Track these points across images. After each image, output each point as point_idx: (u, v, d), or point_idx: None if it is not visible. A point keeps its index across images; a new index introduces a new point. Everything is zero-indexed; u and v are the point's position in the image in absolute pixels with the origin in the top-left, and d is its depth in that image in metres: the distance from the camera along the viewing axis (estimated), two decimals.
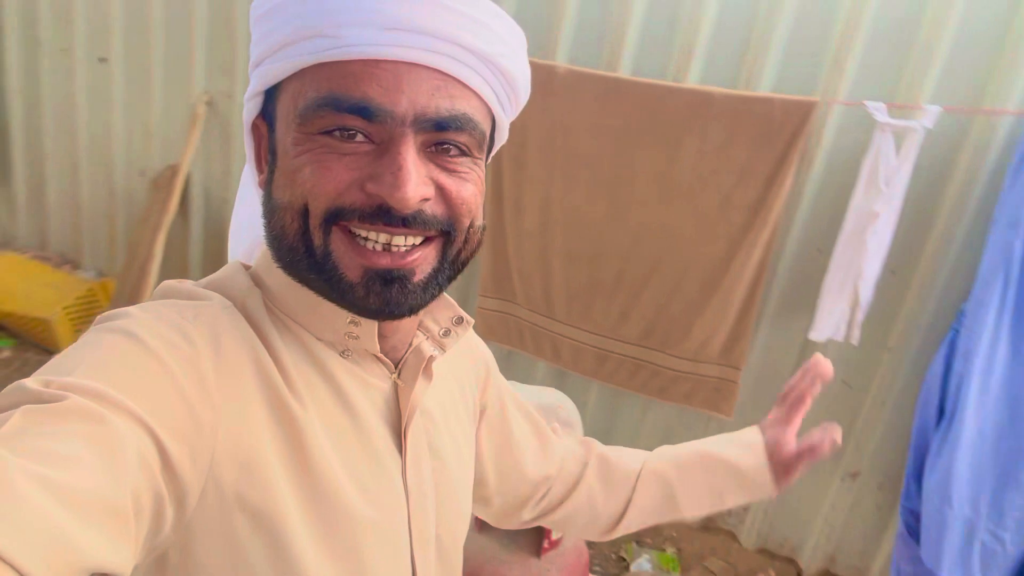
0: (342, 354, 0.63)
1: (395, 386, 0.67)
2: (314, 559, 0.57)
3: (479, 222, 0.61)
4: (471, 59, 0.55)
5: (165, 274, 3.31)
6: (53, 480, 0.40)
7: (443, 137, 0.55)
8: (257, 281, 0.63)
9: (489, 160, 0.65)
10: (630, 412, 2.52)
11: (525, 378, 2.64)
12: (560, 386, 1.88)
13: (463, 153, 0.57)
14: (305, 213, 0.55)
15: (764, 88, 2.07)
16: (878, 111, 1.79)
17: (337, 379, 0.62)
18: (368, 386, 0.64)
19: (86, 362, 0.48)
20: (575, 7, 2.26)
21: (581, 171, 2.22)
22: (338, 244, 0.55)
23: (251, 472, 0.54)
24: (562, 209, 2.28)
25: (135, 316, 0.53)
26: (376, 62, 0.53)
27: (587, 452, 0.92)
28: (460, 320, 0.70)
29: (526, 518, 0.91)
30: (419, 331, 0.69)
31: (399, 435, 0.66)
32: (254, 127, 0.62)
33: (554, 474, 0.89)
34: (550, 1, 2.29)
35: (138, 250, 3.09)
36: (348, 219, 0.55)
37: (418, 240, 0.57)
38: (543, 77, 2.18)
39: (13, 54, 3.32)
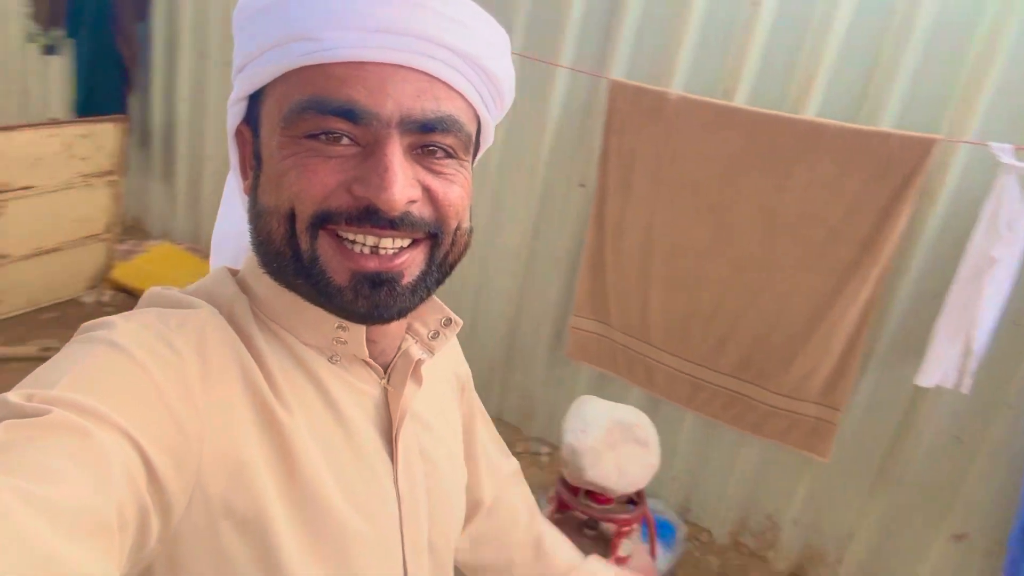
0: (330, 359, 0.62)
1: (385, 391, 0.66)
2: (302, 567, 0.56)
3: (466, 224, 0.61)
4: (456, 61, 0.55)
5: None
6: (36, 496, 0.39)
7: (429, 139, 0.55)
8: (244, 287, 0.62)
9: (475, 162, 0.64)
10: (724, 444, 2.47)
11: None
12: (652, 413, 1.88)
13: (449, 155, 0.57)
14: (291, 217, 0.54)
15: (886, 124, 2.00)
16: (1003, 152, 1.69)
17: (325, 385, 0.61)
18: (358, 391, 0.64)
19: (70, 374, 0.47)
20: (695, 35, 2.27)
21: (686, 197, 2.22)
22: (325, 248, 0.55)
23: (238, 480, 0.54)
24: (664, 234, 2.29)
25: (119, 326, 0.53)
26: (360, 64, 0.52)
27: (531, 519, 0.92)
28: (449, 322, 0.68)
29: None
30: (408, 334, 0.68)
31: (390, 440, 0.65)
32: (238, 133, 0.62)
33: (487, 503, 0.89)
34: (670, 28, 2.32)
35: None
36: (335, 222, 0.54)
37: (406, 242, 0.56)
38: (654, 103, 2.21)
39: (185, 66, 3.72)
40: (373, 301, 0.56)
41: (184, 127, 3.84)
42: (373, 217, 0.53)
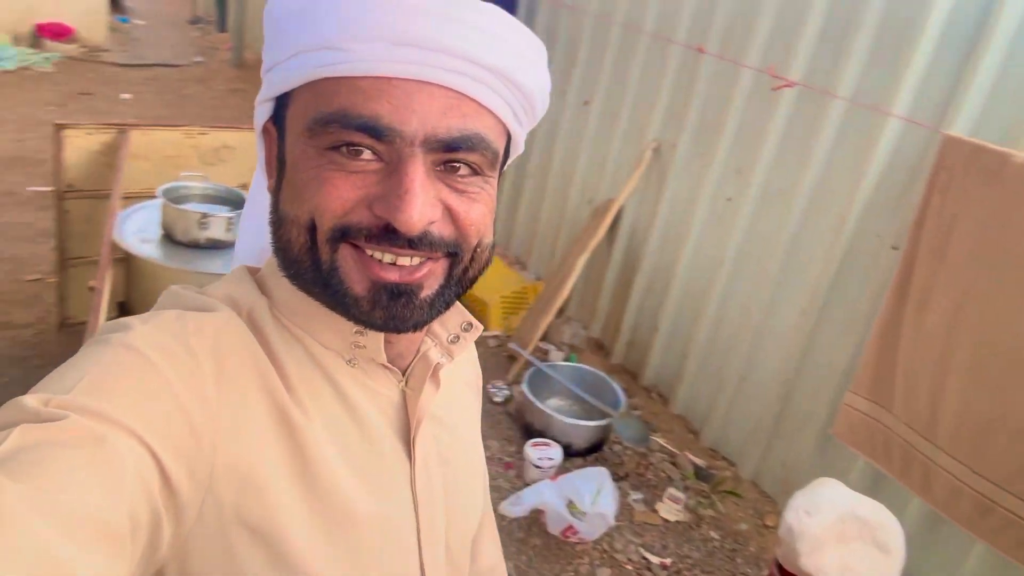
0: (348, 362, 0.62)
1: (403, 394, 0.65)
2: (316, 569, 0.56)
3: (488, 240, 0.60)
4: (486, 76, 0.53)
5: (582, 288, 3.72)
6: (48, 502, 0.40)
7: (453, 157, 0.54)
8: (263, 288, 0.62)
9: (502, 173, 0.63)
10: (951, 547, 2.01)
11: (839, 472, 2.30)
12: (874, 491, 1.60)
13: (474, 172, 0.56)
14: (312, 228, 0.54)
15: None
16: None
17: (343, 388, 0.61)
18: (376, 394, 0.64)
19: (86, 378, 0.48)
20: None
21: (1012, 278, 1.85)
22: (345, 258, 0.55)
23: (251, 486, 0.53)
24: (977, 316, 1.93)
25: (136, 328, 0.53)
26: (388, 79, 0.51)
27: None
28: (470, 326, 0.68)
29: None
30: (427, 337, 0.67)
31: (408, 443, 0.65)
32: (265, 131, 0.62)
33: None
34: None
35: (566, 262, 3.54)
36: (355, 237, 0.54)
37: (423, 258, 0.56)
38: (991, 164, 1.89)
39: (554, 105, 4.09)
40: (391, 312, 0.55)
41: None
42: (392, 236, 0.53)
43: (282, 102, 0.58)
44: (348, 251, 0.55)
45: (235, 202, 2.54)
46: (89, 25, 7.33)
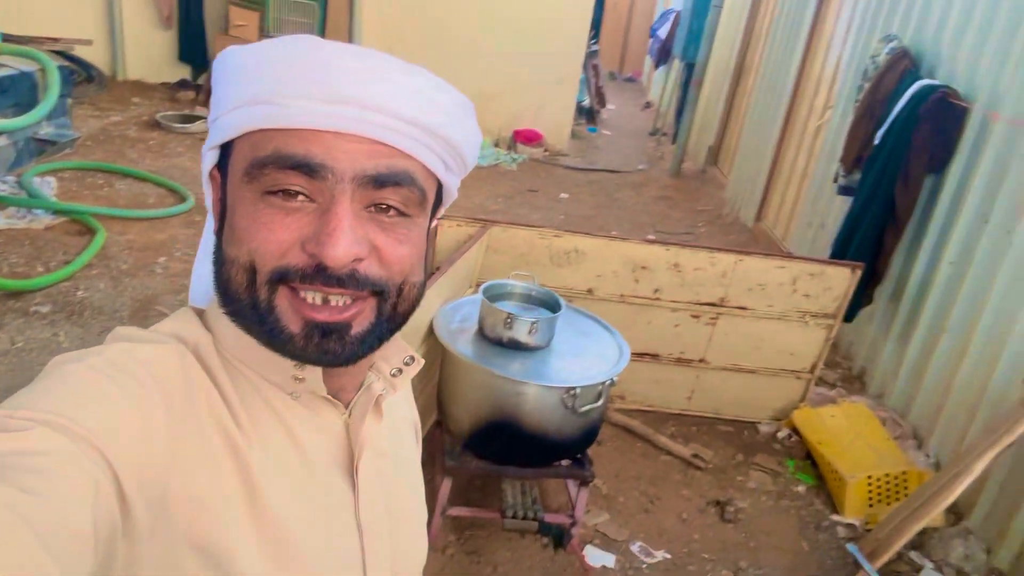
0: (291, 395, 0.64)
1: (347, 426, 0.68)
2: None
3: (414, 279, 0.63)
4: (412, 130, 0.58)
5: (996, 495, 2.73)
6: (13, 508, 0.41)
7: (381, 196, 0.58)
8: (208, 326, 0.65)
9: (435, 220, 0.67)
10: None
11: None
12: None
13: (401, 213, 0.60)
14: (252, 270, 0.58)
15: None
16: None
17: (287, 420, 0.64)
18: (318, 427, 0.66)
19: (49, 396, 0.50)
20: None
21: None
22: (281, 300, 0.58)
23: (204, 511, 0.56)
24: None
25: (91, 358, 0.55)
26: (317, 131, 0.56)
27: None
28: (412, 359, 0.72)
29: None
30: (370, 372, 0.71)
31: (351, 473, 0.68)
32: (211, 177, 0.65)
33: None
34: None
35: (967, 457, 2.62)
36: (291, 280, 0.57)
37: (352, 298, 0.59)
38: None
39: (961, 229, 3.26)
40: (323, 348, 0.59)
41: (938, 290, 3.37)
42: (323, 274, 0.56)
43: (225, 151, 0.62)
44: (285, 292, 0.58)
45: (553, 307, 2.46)
46: (556, 133, 8.36)
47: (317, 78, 0.55)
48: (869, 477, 2.92)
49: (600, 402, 2.25)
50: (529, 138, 8.12)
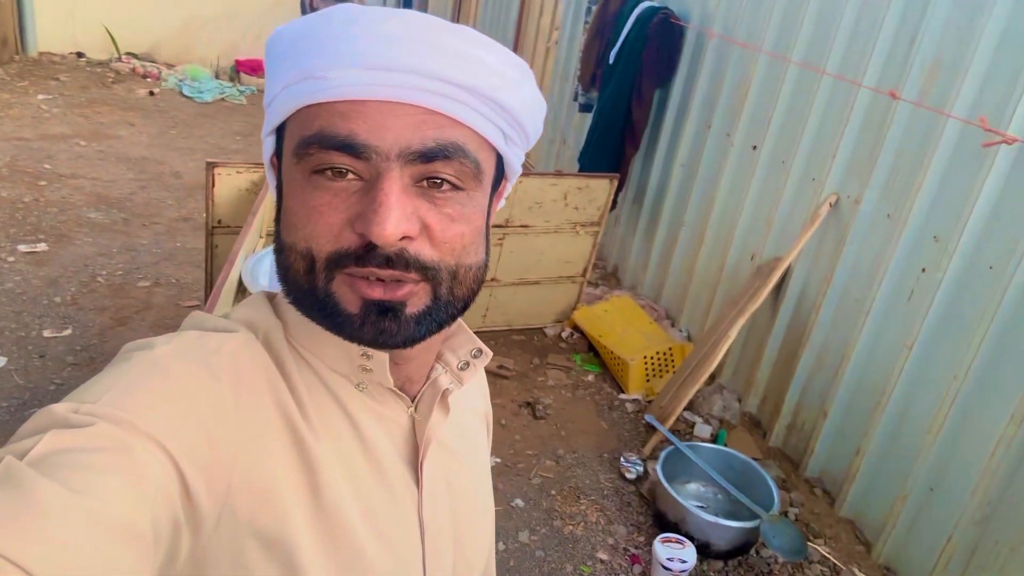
0: (357, 386, 0.64)
1: (412, 419, 0.67)
2: None
3: (470, 260, 0.59)
4: (463, 95, 0.55)
5: (739, 355, 3.33)
6: (78, 502, 0.42)
7: (432, 169, 0.55)
8: (278, 313, 0.64)
9: (497, 195, 0.65)
10: None
11: None
12: None
13: (455, 187, 0.56)
14: (311, 257, 0.56)
15: None
16: None
17: (353, 412, 0.63)
18: (384, 419, 0.65)
19: (113, 390, 0.50)
20: None
21: None
22: (340, 285, 0.57)
23: (267, 501, 0.56)
24: None
25: (160, 347, 0.55)
26: (363, 101, 0.53)
27: None
28: (480, 352, 0.70)
29: None
30: (438, 364, 0.69)
31: (416, 468, 0.67)
32: (271, 164, 0.64)
33: None
34: None
35: (721, 324, 3.17)
36: (346, 264, 0.56)
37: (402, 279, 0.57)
38: None
39: (688, 135, 3.79)
40: (379, 327, 0.57)
41: (673, 191, 3.91)
42: (373, 254, 0.55)
43: (280, 134, 0.60)
44: (343, 277, 0.57)
45: None
46: None
47: (358, 47, 0.53)
48: (644, 357, 3.40)
49: None
50: (253, 68, 7.55)
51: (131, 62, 7.14)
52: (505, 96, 0.57)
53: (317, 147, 0.54)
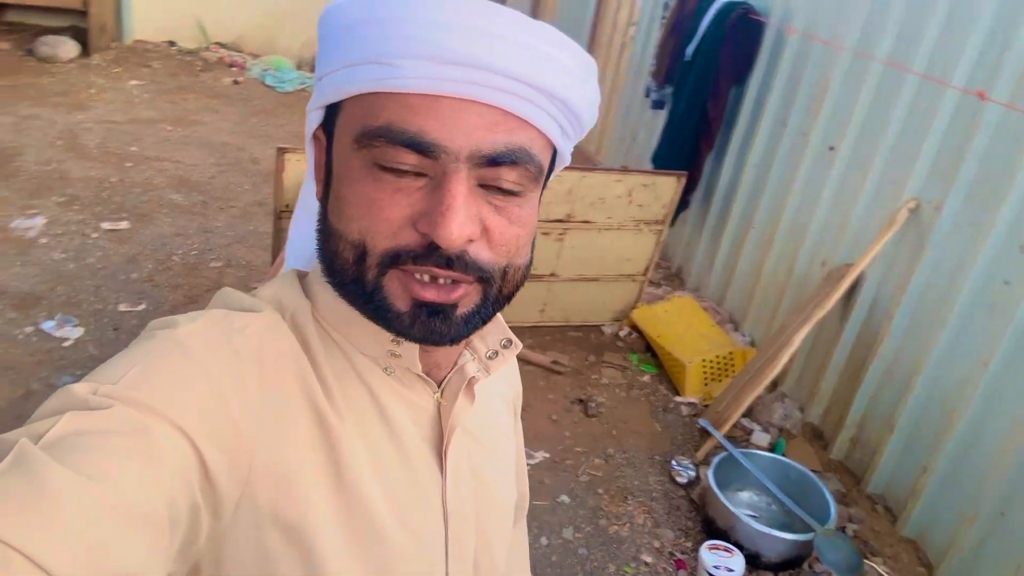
0: (385, 370, 0.63)
1: (438, 405, 0.67)
2: (343, 575, 0.57)
3: (519, 261, 0.60)
4: (532, 94, 0.54)
5: (804, 363, 3.21)
6: (91, 488, 0.41)
7: (497, 174, 0.55)
8: (308, 293, 0.64)
9: (545, 187, 0.63)
10: None
11: None
12: None
13: (514, 192, 0.56)
14: (362, 248, 0.55)
15: None
16: None
17: (379, 395, 0.62)
18: (410, 404, 0.65)
19: (133, 370, 0.50)
20: None
21: None
22: (391, 281, 0.56)
23: (287, 486, 0.55)
24: None
25: (183, 326, 0.54)
26: (435, 97, 0.52)
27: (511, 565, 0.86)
28: (509, 343, 0.69)
29: None
30: (467, 351, 0.69)
31: (440, 455, 0.66)
32: (315, 138, 0.62)
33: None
34: None
35: (786, 330, 3.06)
36: (403, 262, 0.55)
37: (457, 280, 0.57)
38: None
39: (763, 133, 3.67)
40: (429, 327, 0.57)
41: (744, 191, 3.80)
42: (434, 255, 0.54)
43: (332, 111, 0.58)
44: (396, 273, 0.56)
45: None
46: None
47: (433, 37, 0.51)
48: (703, 360, 3.32)
49: None
50: None
51: (219, 51, 7.41)
52: (573, 95, 0.57)
53: (384, 140, 0.52)
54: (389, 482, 0.61)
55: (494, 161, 0.53)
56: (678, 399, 3.30)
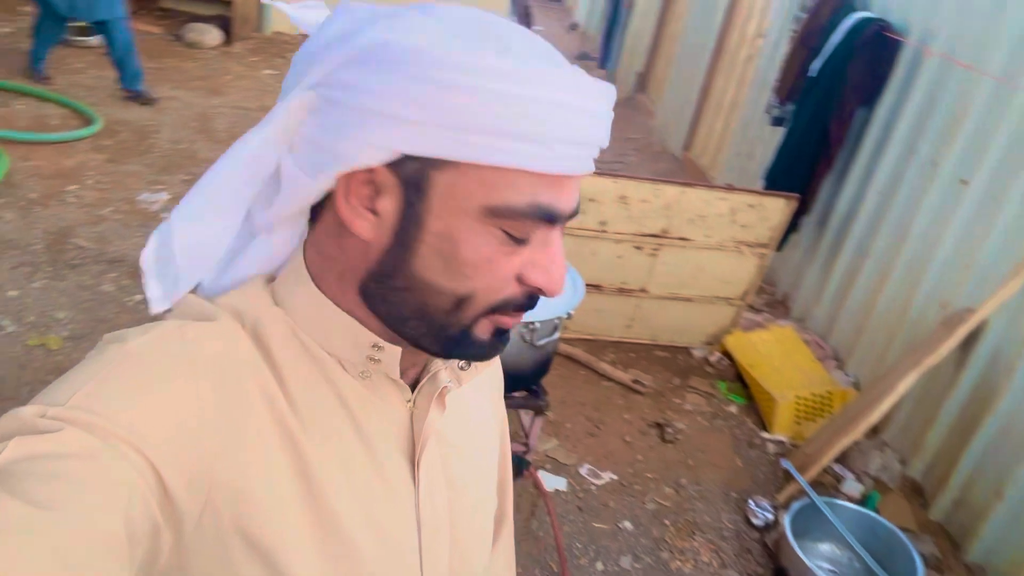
0: (361, 375, 0.61)
1: (411, 412, 0.65)
2: None
3: None
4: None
5: (911, 411, 2.95)
6: (42, 518, 0.40)
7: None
8: (278, 297, 0.60)
9: None
10: None
11: None
12: None
13: None
14: (467, 302, 0.56)
15: None
16: None
17: (350, 403, 0.61)
18: (383, 412, 0.63)
19: (84, 389, 0.48)
20: None
21: None
22: (482, 323, 0.58)
23: (249, 502, 0.54)
24: None
25: (135, 339, 0.53)
26: (568, 176, 0.55)
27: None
28: None
29: None
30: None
31: (413, 463, 0.65)
32: (367, 179, 0.54)
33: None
34: None
35: (893, 373, 2.82)
36: (505, 311, 0.58)
37: None
38: None
39: (888, 160, 3.40)
40: (497, 349, 0.61)
41: (863, 219, 3.54)
42: (532, 300, 0.58)
43: (421, 163, 0.53)
44: (493, 317, 0.58)
45: None
46: None
47: (576, 121, 0.53)
48: (797, 397, 3.11)
49: (555, 335, 2.28)
50: None
51: None
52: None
53: (529, 217, 0.54)
54: (359, 495, 0.60)
55: (575, 215, 0.59)
56: (765, 435, 3.11)
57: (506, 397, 2.41)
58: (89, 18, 4.65)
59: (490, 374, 0.81)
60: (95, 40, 5.73)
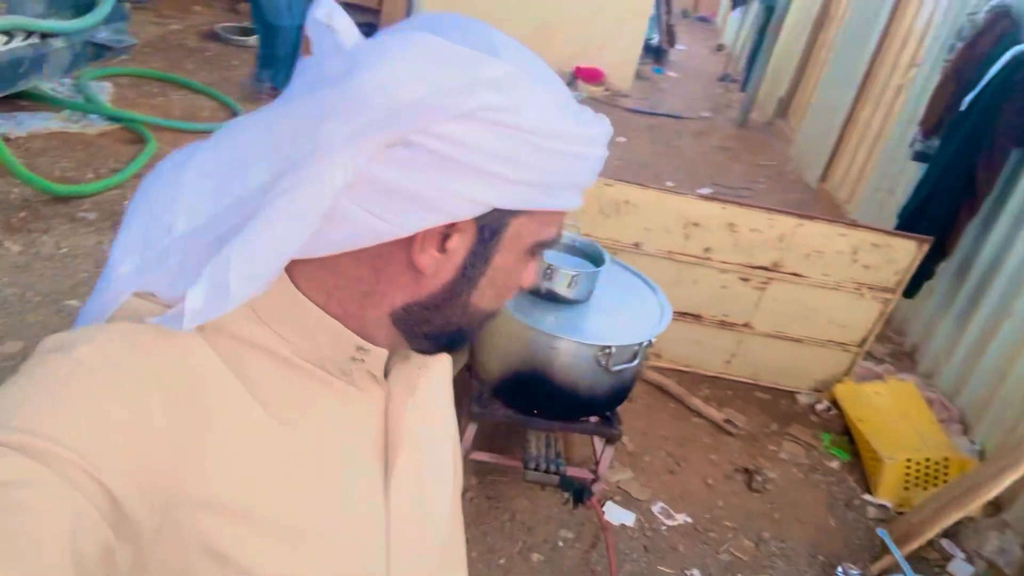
0: (342, 374, 0.62)
1: (383, 403, 0.66)
2: None
3: None
4: None
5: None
6: None
7: None
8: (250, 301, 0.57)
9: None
10: None
11: None
12: None
13: None
14: (493, 316, 0.65)
15: None
16: None
17: (318, 400, 0.61)
18: (353, 404, 0.64)
19: (28, 403, 0.46)
20: None
21: None
22: None
23: (218, 513, 0.53)
24: None
25: (80, 347, 0.50)
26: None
27: None
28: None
29: None
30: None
31: (383, 454, 0.66)
32: (457, 229, 0.57)
33: None
34: None
35: (1020, 449, 2.49)
36: None
37: None
38: None
39: None
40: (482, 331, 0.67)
41: (1007, 273, 3.17)
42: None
43: (504, 212, 0.58)
44: None
45: (596, 259, 2.36)
46: (620, 71, 8.05)
47: (590, 167, 0.60)
48: (908, 460, 2.81)
49: (635, 362, 2.17)
50: (591, 76, 7.85)
51: None
52: None
53: (546, 248, 0.63)
54: (328, 489, 0.60)
55: None
56: (867, 497, 2.83)
57: (578, 422, 2.34)
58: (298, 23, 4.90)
59: (449, 380, 0.85)
60: (253, 39, 6.16)
